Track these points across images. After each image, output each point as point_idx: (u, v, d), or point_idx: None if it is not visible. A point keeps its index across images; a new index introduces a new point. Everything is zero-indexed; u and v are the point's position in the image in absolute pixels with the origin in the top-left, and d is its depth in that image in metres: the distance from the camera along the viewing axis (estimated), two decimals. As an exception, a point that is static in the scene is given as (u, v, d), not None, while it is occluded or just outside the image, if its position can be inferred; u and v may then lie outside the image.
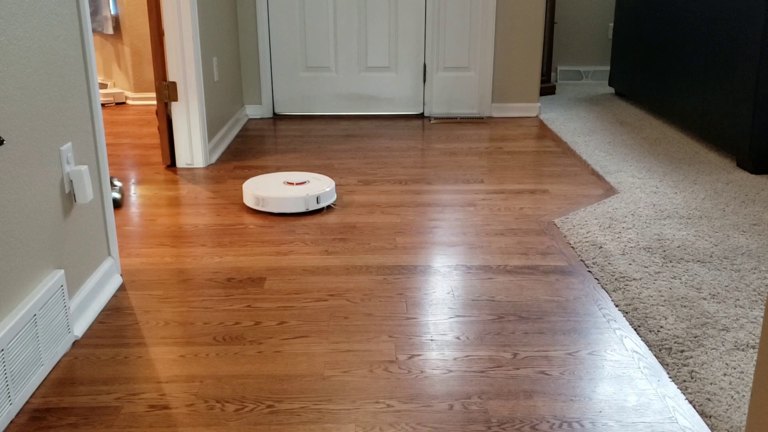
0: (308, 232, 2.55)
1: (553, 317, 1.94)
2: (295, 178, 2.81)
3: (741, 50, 3.18)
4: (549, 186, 3.06)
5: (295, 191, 2.69)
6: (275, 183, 2.79)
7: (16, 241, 1.57)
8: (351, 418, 1.52)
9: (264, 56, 4.28)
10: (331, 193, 2.76)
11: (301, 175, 2.87)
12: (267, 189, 2.73)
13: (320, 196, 2.68)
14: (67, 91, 1.85)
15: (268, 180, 2.84)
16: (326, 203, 2.72)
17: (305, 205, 2.67)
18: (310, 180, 2.81)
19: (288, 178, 2.82)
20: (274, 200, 2.66)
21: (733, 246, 2.39)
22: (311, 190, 2.71)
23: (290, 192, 2.68)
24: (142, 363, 1.73)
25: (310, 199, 2.67)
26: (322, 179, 2.85)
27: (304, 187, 2.73)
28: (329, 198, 2.75)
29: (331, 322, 1.92)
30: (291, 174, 2.90)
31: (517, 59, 4.30)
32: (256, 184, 2.79)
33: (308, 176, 2.87)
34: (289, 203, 2.67)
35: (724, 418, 1.51)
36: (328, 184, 2.78)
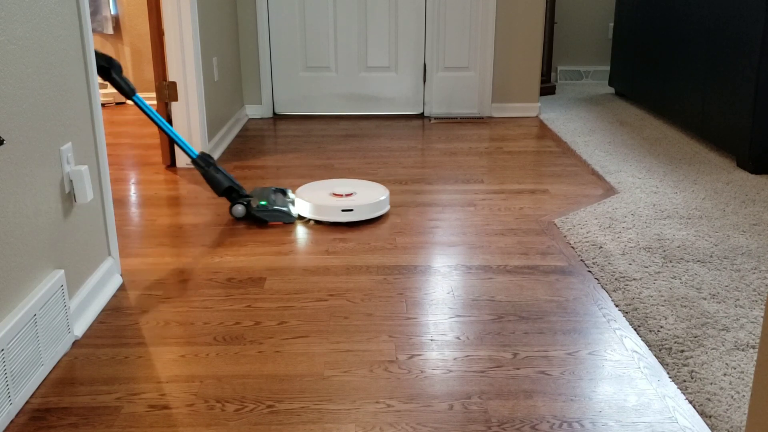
0: (308, 232, 2.55)
1: (553, 317, 1.94)
2: (344, 189, 2.73)
3: (741, 50, 3.18)
4: (549, 186, 3.06)
5: (337, 203, 2.61)
6: (323, 193, 2.70)
7: (16, 241, 1.58)
8: (351, 418, 1.52)
9: (264, 56, 4.28)
10: (371, 207, 2.62)
11: (352, 186, 2.78)
12: (313, 198, 2.64)
13: (356, 209, 2.58)
14: (67, 91, 1.85)
15: (319, 189, 2.76)
16: (365, 216, 2.61)
17: (343, 218, 2.59)
18: (358, 191, 2.71)
19: (337, 189, 2.73)
20: (317, 209, 2.60)
21: (733, 246, 2.39)
22: (350, 203, 2.61)
23: (332, 202, 2.60)
24: (142, 363, 1.73)
25: (346, 213, 2.59)
26: (373, 190, 2.75)
27: (347, 200, 2.63)
28: (369, 212, 2.62)
29: (331, 322, 1.92)
30: (342, 183, 2.82)
31: (517, 59, 4.30)
32: (306, 193, 2.71)
33: (360, 186, 2.78)
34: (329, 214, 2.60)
35: (724, 418, 1.51)
36: (374, 197, 2.66)
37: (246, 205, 2.61)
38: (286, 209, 2.60)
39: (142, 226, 2.62)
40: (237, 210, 2.63)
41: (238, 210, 2.62)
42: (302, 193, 2.69)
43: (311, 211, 2.61)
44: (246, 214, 2.63)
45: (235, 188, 2.65)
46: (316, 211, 2.60)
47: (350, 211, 2.58)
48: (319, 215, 2.60)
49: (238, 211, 2.63)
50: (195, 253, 2.38)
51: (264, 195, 2.67)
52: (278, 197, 2.69)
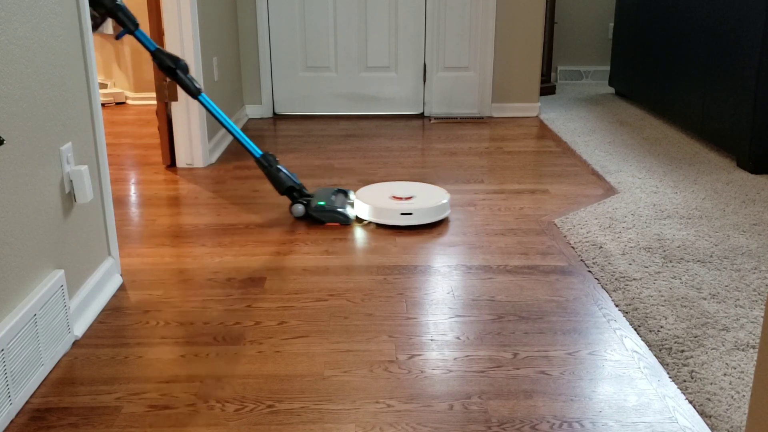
0: (308, 232, 2.55)
1: (553, 317, 1.94)
2: (403, 191, 2.69)
3: (741, 50, 3.18)
4: (549, 186, 3.06)
5: (396, 206, 2.58)
6: (383, 195, 2.67)
7: (16, 241, 1.58)
8: (351, 418, 1.52)
9: (264, 56, 4.28)
10: (431, 211, 2.59)
11: (413, 189, 2.74)
12: (373, 200, 2.62)
13: (415, 213, 2.55)
14: (67, 91, 1.85)
15: (379, 191, 2.73)
16: (425, 220, 2.57)
17: (402, 221, 2.57)
18: (418, 195, 2.67)
19: (396, 191, 2.69)
20: (376, 211, 2.58)
21: (733, 246, 2.39)
22: (410, 207, 2.57)
23: (392, 205, 2.58)
24: (142, 363, 1.73)
25: (404, 217, 2.56)
26: (434, 193, 2.70)
27: (406, 204, 2.59)
28: (429, 216, 2.59)
29: (331, 322, 1.92)
30: (403, 186, 2.78)
31: (517, 59, 4.30)
32: (366, 195, 2.69)
33: (421, 189, 2.75)
34: (388, 217, 2.58)
35: (724, 418, 1.51)
36: (435, 201, 2.62)
37: (305, 205, 2.63)
38: (343, 211, 2.60)
39: (142, 226, 2.62)
40: (297, 209, 2.64)
41: (298, 209, 2.64)
42: (362, 195, 2.68)
43: (370, 214, 2.60)
44: (305, 214, 2.64)
45: (296, 188, 2.67)
46: (375, 213, 2.59)
47: (409, 214, 2.56)
48: (378, 218, 2.58)
49: (297, 211, 2.64)
50: (195, 253, 2.38)
51: (324, 195, 2.68)
52: (338, 198, 2.70)
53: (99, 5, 2.46)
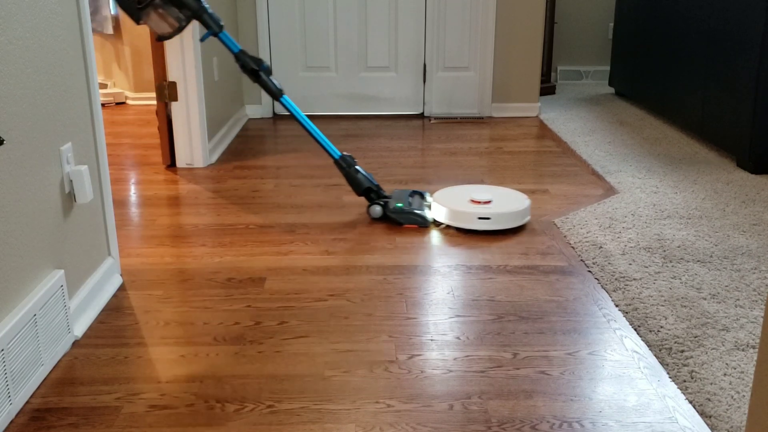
0: (308, 232, 2.55)
1: (553, 317, 1.94)
2: (482, 195, 2.62)
3: (741, 50, 3.18)
4: (549, 186, 3.06)
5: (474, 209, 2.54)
6: (461, 198, 2.62)
7: (16, 241, 1.58)
8: (351, 418, 1.52)
9: (264, 56, 4.28)
10: (510, 216, 2.54)
11: (491, 192, 2.68)
12: (450, 203, 2.58)
13: (493, 218, 2.51)
14: (67, 91, 1.85)
15: (457, 194, 2.68)
16: (503, 226, 2.53)
17: (479, 225, 2.52)
18: (496, 199, 2.62)
19: (475, 195, 2.62)
20: (453, 215, 2.55)
21: (733, 246, 2.39)
22: (488, 211, 2.52)
23: (470, 209, 2.54)
24: (142, 363, 1.73)
25: (482, 221, 2.52)
26: (513, 198, 2.66)
27: (484, 208, 2.55)
28: (508, 221, 2.54)
29: (331, 322, 1.92)
30: (481, 189, 2.74)
31: (517, 59, 4.30)
32: (443, 197, 2.65)
33: (499, 193, 2.70)
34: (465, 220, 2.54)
35: (724, 418, 1.51)
36: (514, 206, 2.57)
37: (383, 206, 2.63)
38: (421, 213, 2.59)
39: (142, 226, 2.62)
40: (374, 210, 2.64)
41: (376, 210, 2.64)
42: (439, 197, 2.65)
43: (447, 217, 2.57)
44: (382, 215, 2.64)
45: (374, 189, 2.67)
46: (452, 216, 2.55)
47: (487, 219, 2.52)
48: (455, 221, 2.55)
49: (375, 212, 2.64)
50: (195, 253, 2.38)
51: (401, 197, 2.68)
52: (415, 200, 2.69)
53: (185, 7, 2.46)
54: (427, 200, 2.72)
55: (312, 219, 2.68)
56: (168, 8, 2.45)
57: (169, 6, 2.45)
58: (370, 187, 2.66)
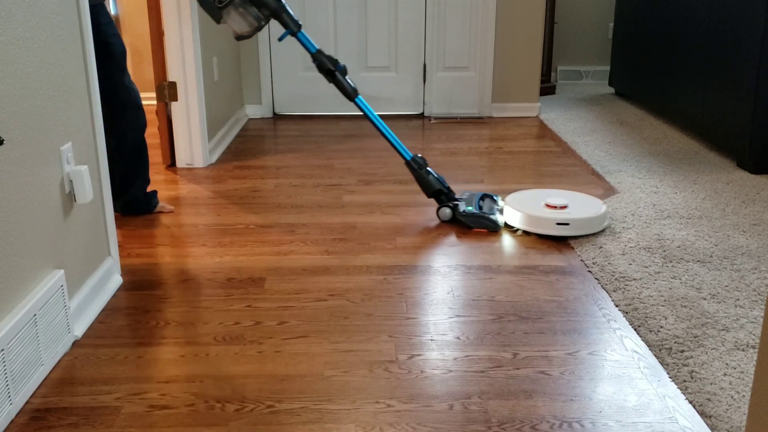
0: (308, 232, 2.55)
1: (553, 317, 1.94)
2: (557, 199, 2.55)
3: (741, 50, 3.18)
4: (549, 186, 3.06)
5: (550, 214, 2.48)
6: (536, 203, 2.56)
7: (16, 241, 1.58)
8: (351, 418, 1.52)
9: (264, 56, 4.28)
10: (589, 222, 2.48)
11: (565, 197, 2.62)
12: (526, 208, 2.52)
13: (572, 224, 2.45)
14: (67, 91, 1.85)
15: (530, 198, 2.63)
16: (581, 232, 2.46)
17: (557, 231, 2.46)
18: (572, 204, 2.55)
19: (550, 200, 2.55)
20: (529, 220, 2.49)
21: (733, 246, 2.39)
22: (566, 216, 2.47)
23: (546, 214, 2.48)
24: (142, 363, 1.73)
25: (561, 227, 2.46)
26: (588, 202, 2.60)
27: (562, 213, 2.49)
28: (587, 227, 2.48)
29: (331, 322, 1.92)
30: (555, 194, 2.68)
31: (517, 59, 4.30)
32: (517, 202, 2.59)
33: (574, 198, 2.63)
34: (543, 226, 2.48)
35: (724, 418, 1.51)
36: (591, 211, 2.52)
37: (453, 209, 2.61)
38: (492, 216, 2.56)
39: (142, 226, 2.62)
40: (444, 213, 2.63)
41: (446, 213, 2.62)
42: (513, 202, 2.60)
43: (522, 222, 2.51)
44: (452, 218, 2.63)
45: (444, 191, 2.66)
46: (528, 222, 2.49)
47: (566, 225, 2.45)
48: (532, 227, 2.49)
49: (445, 214, 2.63)
50: (195, 253, 2.38)
51: (472, 200, 2.66)
52: (486, 203, 2.67)
53: (264, 6, 2.47)
54: (499, 204, 2.70)
55: (312, 219, 2.68)
56: (248, 7, 2.47)
57: (248, 5, 2.46)
58: (440, 189, 2.64)
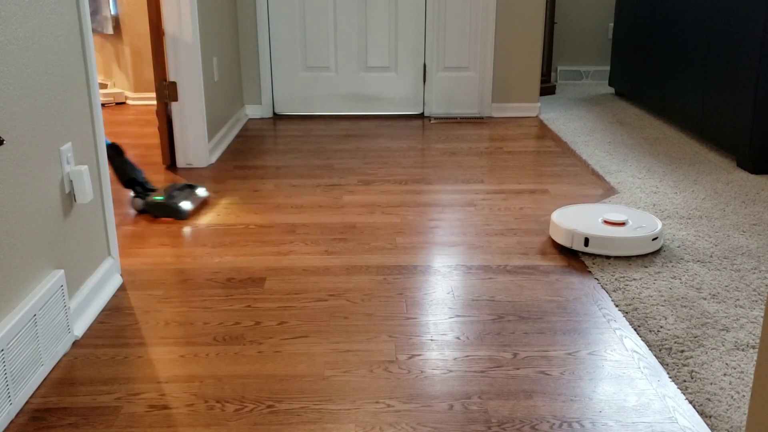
0: (308, 232, 2.55)
1: (553, 317, 1.94)
2: (615, 216, 2.39)
3: (741, 50, 3.18)
4: (549, 186, 3.06)
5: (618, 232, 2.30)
6: (592, 219, 2.41)
7: (16, 241, 1.58)
8: (351, 418, 1.52)
9: (264, 56, 4.28)
10: (651, 240, 2.31)
11: (619, 211, 2.48)
12: (585, 226, 2.34)
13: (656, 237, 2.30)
14: (67, 91, 1.85)
15: (584, 213, 2.47)
16: (645, 251, 2.30)
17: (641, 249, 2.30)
18: (630, 219, 2.41)
19: (608, 215, 2.39)
20: (593, 240, 2.30)
21: (733, 246, 2.39)
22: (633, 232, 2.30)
23: (610, 232, 2.30)
24: (142, 363, 1.73)
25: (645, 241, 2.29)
26: (644, 217, 2.45)
27: (626, 231, 2.32)
28: (650, 245, 2.31)
29: (331, 322, 1.92)
30: (608, 209, 2.52)
31: (517, 59, 4.30)
32: (572, 218, 2.42)
33: (628, 213, 2.48)
34: (617, 245, 2.29)
35: (724, 418, 1.51)
36: (650, 227, 2.36)
37: (144, 199, 2.64)
38: (178, 205, 2.57)
39: (142, 226, 2.62)
40: (136, 203, 2.68)
41: (137, 203, 2.68)
42: (565, 218, 2.42)
43: (583, 241, 2.32)
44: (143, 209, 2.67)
45: (140, 181, 2.67)
46: (591, 241, 2.31)
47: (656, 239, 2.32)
48: (594, 246, 2.31)
49: (136, 204, 2.68)
50: (195, 253, 2.38)
51: (166, 191, 2.67)
52: (182, 193, 2.67)
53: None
54: (198, 193, 2.70)
55: (312, 219, 2.68)
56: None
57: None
58: (134, 178, 2.66)
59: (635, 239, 2.29)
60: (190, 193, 2.69)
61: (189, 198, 2.63)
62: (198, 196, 2.68)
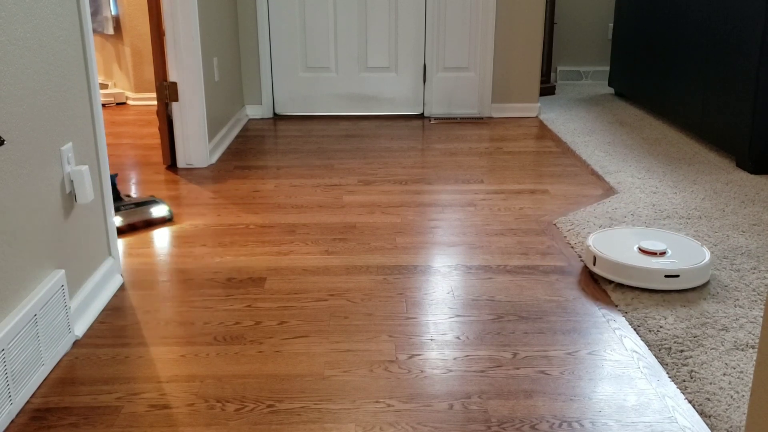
0: (308, 232, 2.55)
1: (553, 317, 1.95)
2: (652, 244, 2.15)
3: (741, 50, 3.18)
4: (549, 186, 3.06)
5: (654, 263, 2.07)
6: (627, 247, 2.18)
7: (16, 241, 1.58)
8: (351, 418, 1.52)
9: (264, 56, 4.28)
10: (700, 272, 2.07)
11: (656, 237, 2.26)
12: (618, 254, 2.12)
13: (683, 275, 2.04)
14: (67, 91, 1.85)
15: (618, 239, 2.25)
16: (692, 284, 2.06)
17: (663, 285, 2.06)
18: (670, 247, 2.17)
19: (645, 243, 2.16)
20: (626, 270, 2.08)
21: (733, 246, 2.39)
22: (672, 265, 2.06)
23: (648, 263, 2.07)
24: (142, 363, 1.73)
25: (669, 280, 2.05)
26: (686, 244, 2.21)
27: (667, 262, 2.09)
28: (698, 277, 2.07)
29: (331, 322, 1.92)
30: (643, 233, 2.29)
31: (517, 59, 4.30)
32: (605, 245, 2.20)
33: (666, 238, 2.26)
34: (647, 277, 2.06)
35: (724, 417, 1.51)
36: (697, 257, 2.12)
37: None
38: None
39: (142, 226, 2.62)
40: None
41: None
42: (600, 245, 2.21)
43: (617, 271, 2.09)
44: None
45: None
46: (626, 273, 2.07)
47: (675, 277, 2.04)
48: (629, 279, 2.08)
49: None
50: (195, 253, 2.38)
51: (123, 202, 2.66)
52: (130, 208, 2.65)
53: None
54: (152, 212, 2.63)
55: (312, 219, 2.68)
56: None
57: None
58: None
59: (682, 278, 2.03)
60: (143, 210, 2.63)
61: (134, 215, 2.58)
62: (149, 215, 2.61)
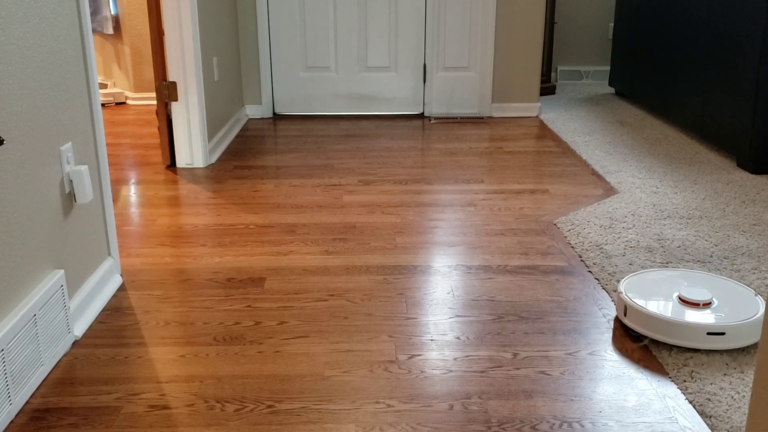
0: (308, 232, 2.55)
1: (553, 317, 1.94)
2: (695, 293, 1.83)
3: (741, 50, 3.18)
4: (549, 186, 3.06)
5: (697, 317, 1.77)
6: (666, 297, 1.87)
7: (16, 241, 1.58)
8: (351, 418, 1.52)
9: (264, 56, 4.28)
10: (750, 328, 1.75)
11: (700, 281, 1.95)
12: (656, 305, 1.82)
13: (729, 333, 1.73)
14: (67, 91, 1.85)
15: (655, 286, 1.93)
16: (741, 344, 1.75)
17: (706, 344, 1.75)
18: (716, 296, 1.86)
19: (686, 291, 1.84)
20: (663, 326, 1.77)
21: (733, 246, 2.39)
22: (718, 320, 1.76)
23: (690, 317, 1.77)
24: (142, 363, 1.73)
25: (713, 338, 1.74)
26: (735, 292, 1.89)
27: (708, 315, 1.78)
28: (747, 335, 1.75)
29: (331, 322, 1.92)
30: (691, 277, 1.98)
31: (517, 59, 4.30)
32: (640, 295, 1.88)
33: (711, 284, 1.94)
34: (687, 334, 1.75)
35: (724, 418, 1.51)
36: (749, 310, 1.79)
37: None
38: None
39: (142, 226, 2.62)
40: None
41: None
42: (633, 291, 1.90)
43: (652, 327, 1.78)
44: None
45: None
46: (663, 329, 1.77)
47: (721, 334, 1.74)
48: (666, 335, 1.77)
49: None
50: (195, 253, 2.38)
51: None
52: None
53: None
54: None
55: (312, 219, 2.68)
56: None
57: None
58: None
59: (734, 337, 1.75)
60: None
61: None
62: None
